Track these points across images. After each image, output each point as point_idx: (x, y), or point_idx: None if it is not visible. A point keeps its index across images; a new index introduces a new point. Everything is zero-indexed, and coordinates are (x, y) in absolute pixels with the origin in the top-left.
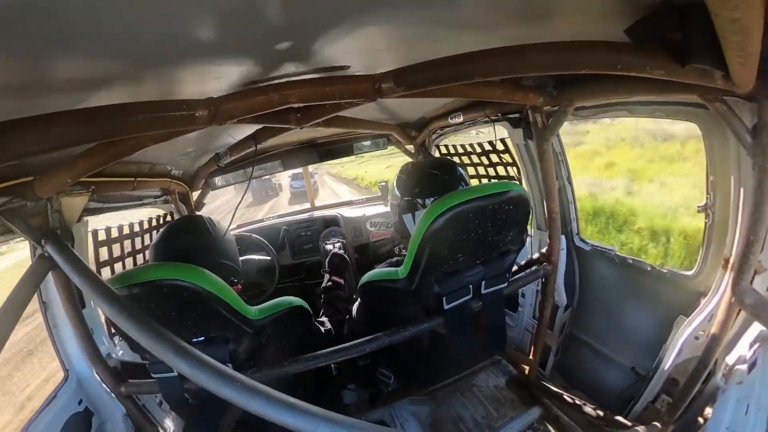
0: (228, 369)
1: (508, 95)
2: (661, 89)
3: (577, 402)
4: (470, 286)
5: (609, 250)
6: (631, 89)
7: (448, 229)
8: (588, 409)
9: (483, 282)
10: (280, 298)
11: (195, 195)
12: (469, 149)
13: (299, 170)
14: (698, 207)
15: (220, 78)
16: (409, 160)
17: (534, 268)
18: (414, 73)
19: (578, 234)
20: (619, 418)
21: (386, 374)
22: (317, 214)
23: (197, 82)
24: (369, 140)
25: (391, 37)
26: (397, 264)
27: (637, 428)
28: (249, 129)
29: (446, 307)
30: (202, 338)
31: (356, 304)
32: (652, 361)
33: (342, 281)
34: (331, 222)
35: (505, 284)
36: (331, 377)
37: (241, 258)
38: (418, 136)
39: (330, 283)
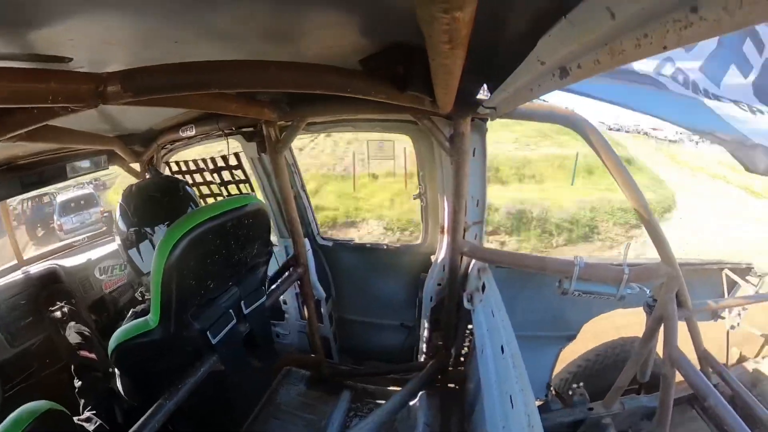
0: None
1: (243, 109)
2: (382, 109)
3: (374, 370)
4: (230, 310)
5: (348, 241)
6: (357, 109)
7: (189, 257)
8: (384, 370)
9: (242, 302)
10: (18, 410)
11: None
12: (202, 165)
13: (72, 195)
14: (414, 195)
15: None
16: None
17: (287, 273)
18: (146, 77)
19: (319, 234)
20: (412, 363)
21: None
22: (32, 270)
23: None
24: (86, 159)
25: (128, 30)
26: (144, 312)
27: (429, 365)
28: None
29: (214, 341)
30: None
31: (117, 377)
32: (413, 313)
33: (94, 356)
34: (50, 279)
35: (265, 297)
36: None
37: None
38: (144, 152)
39: (82, 361)
